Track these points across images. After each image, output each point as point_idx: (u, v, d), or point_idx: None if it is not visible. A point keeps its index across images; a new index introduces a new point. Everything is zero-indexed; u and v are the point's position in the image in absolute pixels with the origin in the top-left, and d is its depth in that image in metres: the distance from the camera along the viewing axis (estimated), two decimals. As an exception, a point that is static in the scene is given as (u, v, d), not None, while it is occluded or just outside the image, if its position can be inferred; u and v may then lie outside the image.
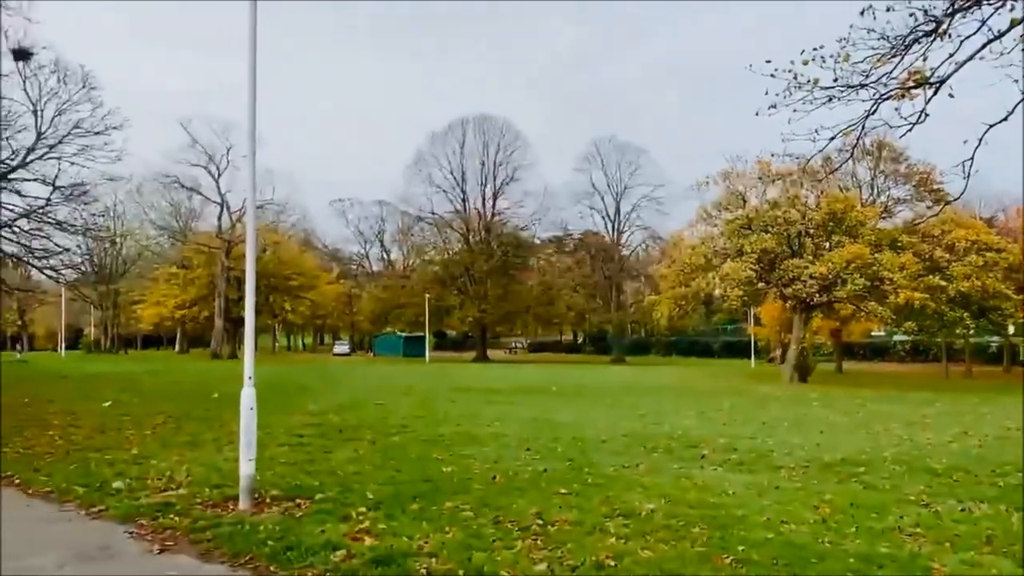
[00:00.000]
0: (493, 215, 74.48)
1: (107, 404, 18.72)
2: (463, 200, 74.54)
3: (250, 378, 7.74)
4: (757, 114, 9.63)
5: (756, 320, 58.20)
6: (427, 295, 65.93)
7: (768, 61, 9.16)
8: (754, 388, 29.78)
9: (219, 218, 67.97)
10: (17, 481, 9.04)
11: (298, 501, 7.81)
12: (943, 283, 33.73)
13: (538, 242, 78.64)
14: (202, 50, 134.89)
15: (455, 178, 73.82)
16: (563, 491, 8.46)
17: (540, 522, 7.03)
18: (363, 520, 7.00)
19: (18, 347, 78.51)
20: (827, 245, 35.44)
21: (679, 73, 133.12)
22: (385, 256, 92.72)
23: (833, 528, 7.06)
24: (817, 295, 34.22)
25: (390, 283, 79.70)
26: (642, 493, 8.47)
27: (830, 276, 33.14)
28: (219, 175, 65.90)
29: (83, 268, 50.43)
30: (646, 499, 8.11)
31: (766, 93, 9.33)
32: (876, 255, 33.32)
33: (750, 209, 36.97)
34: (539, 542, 6.42)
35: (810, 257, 34.37)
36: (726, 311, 72.04)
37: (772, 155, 32.22)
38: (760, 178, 37.46)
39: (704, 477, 9.62)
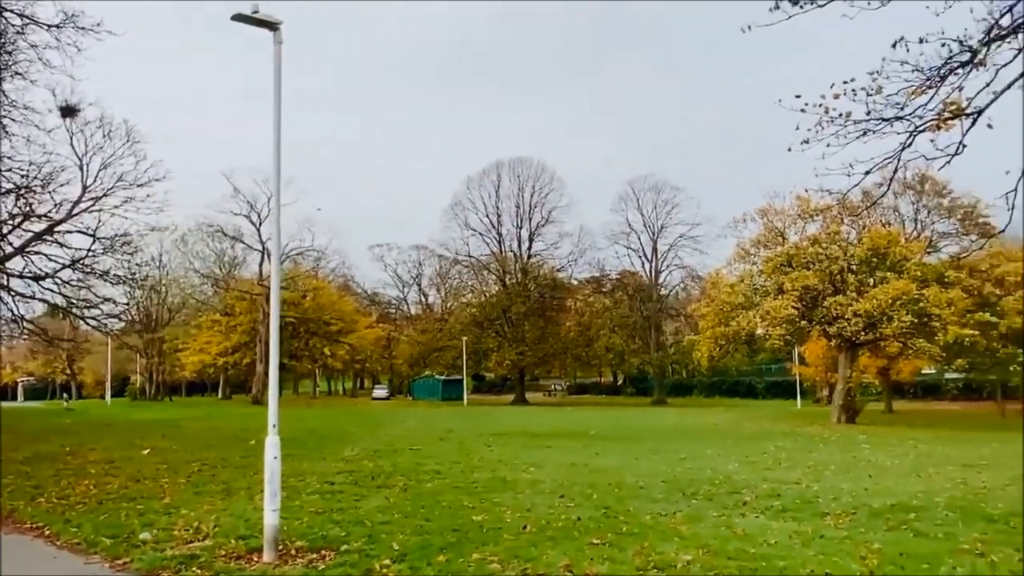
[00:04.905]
0: (529, 257, 74.63)
1: (146, 452, 18.87)
2: (499, 243, 74.97)
3: (274, 426, 7.68)
4: (790, 150, 9.45)
5: (801, 359, 56.89)
6: (465, 338, 65.90)
7: (798, 96, 9.02)
8: (800, 430, 28.92)
9: (260, 265, 69.14)
10: (48, 532, 9.04)
11: (323, 552, 7.67)
12: (993, 319, 32.66)
13: (575, 283, 78.36)
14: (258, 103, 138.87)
15: (491, 221, 74.42)
16: (596, 541, 8.16)
17: (570, 575, 6.75)
18: (387, 573, 6.81)
19: (65, 396, 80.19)
20: (871, 281, 34.61)
21: (720, 113, 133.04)
22: (423, 299, 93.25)
23: (882, 581, 6.66)
24: (862, 333, 33.36)
25: (428, 326, 79.94)
26: (679, 543, 8.13)
27: (875, 313, 32.28)
28: (260, 223, 67.24)
29: (127, 317, 51.49)
30: (683, 550, 7.78)
31: (797, 128, 9.18)
32: (922, 291, 32.44)
33: (790, 246, 36.42)
34: (568, 597, 6.15)
35: (853, 294, 33.59)
36: (769, 350, 70.60)
37: (806, 190, 31.72)
38: (799, 214, 36.94)
39: (745, 525, 9.23)
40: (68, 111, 22.24)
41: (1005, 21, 7.89)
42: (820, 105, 9.24)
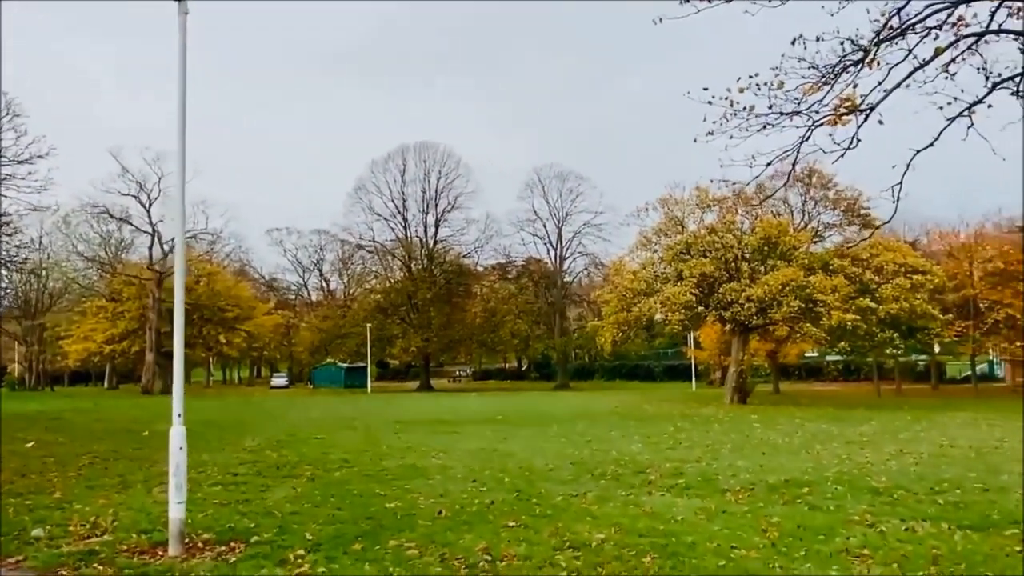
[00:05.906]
0: (435, 243, 74.19)
1: (30, 445, 17.74)
2: (404, 228, 74.13)
3: (179, 416, 7.36)
4: (696, 140, 9.73)
5: (696, 343, 59.04)
6: (368, 324, 64.97)
7: (706, 88, 9.28)
8: (696, 411, 30.04)
9: (150, 249, 65.65)
10: (-76, 533, 8.38)
11: (232, 544, 7.43)
12: (873, 304, 34.76)
13: (481, 269, 78.55)
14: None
15: (396, 206, 73.47)
16: (511, 524, 8.26)
17: (488, 558, 6.81)
18: (302, 563, 6.68)
19: (-67, 387, 74.33)
20: (762, 269, 36.22)
21: (626, 103, 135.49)
22: (324, 286, 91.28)
23: (783, 552, 7.03)
24: (754, 317, 34.88)
25: (330, 313, 78.31)
26: (591, 523, 8.32)
27: (766, 299, 33.83)
28: (150, 204, 63.93)
29: (4, 303, 48.02)
30: (596, 529, 7.97)
31: (704, 120, 9.45)
32: (809, 278, 34.20)
33: (688, 234, 37.61)
34: (488, 579, 6.20)
35: (746, 280, 35.06)
36: (667, 335, 72.98)
37: (711, 181, 32.90)
38: (698, 204, 38.18)
39: (653, 503, 9.54)
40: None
41: (895, 23, 8.38)
42: (726, 98, 9.54)
